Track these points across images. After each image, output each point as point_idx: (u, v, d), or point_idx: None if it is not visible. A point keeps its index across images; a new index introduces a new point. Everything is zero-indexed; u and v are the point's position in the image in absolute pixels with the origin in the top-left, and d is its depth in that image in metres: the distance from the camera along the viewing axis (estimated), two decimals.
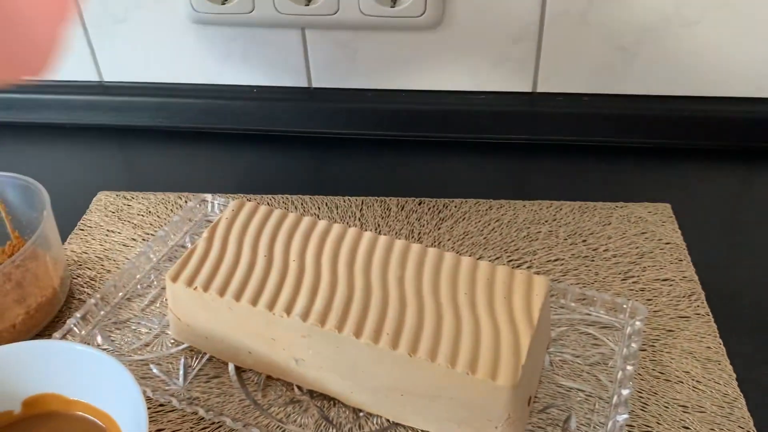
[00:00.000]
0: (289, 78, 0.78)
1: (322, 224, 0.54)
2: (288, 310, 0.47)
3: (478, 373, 0.43)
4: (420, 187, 0.71)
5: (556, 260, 0.60)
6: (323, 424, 0.48)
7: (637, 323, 0.52)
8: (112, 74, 0.80)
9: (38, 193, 0.57)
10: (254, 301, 0.48)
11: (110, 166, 0.77)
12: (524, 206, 0.67)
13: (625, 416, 0.46)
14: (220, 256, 0.52)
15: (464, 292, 0.48)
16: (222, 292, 0.49)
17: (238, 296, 0.49)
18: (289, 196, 0.69)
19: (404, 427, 0.48)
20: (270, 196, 0.70)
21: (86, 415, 0.47)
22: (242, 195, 0.70)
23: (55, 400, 0.47)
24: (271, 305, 0.48)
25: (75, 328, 0.54)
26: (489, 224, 0.65)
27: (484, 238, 0.63)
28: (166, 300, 0.58)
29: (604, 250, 0.61)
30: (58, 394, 0.47)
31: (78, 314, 0.54)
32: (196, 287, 0.49)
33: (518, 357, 0.44)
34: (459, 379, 0.44)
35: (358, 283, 0.49)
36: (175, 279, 0.50)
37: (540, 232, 0.64)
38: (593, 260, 0.60)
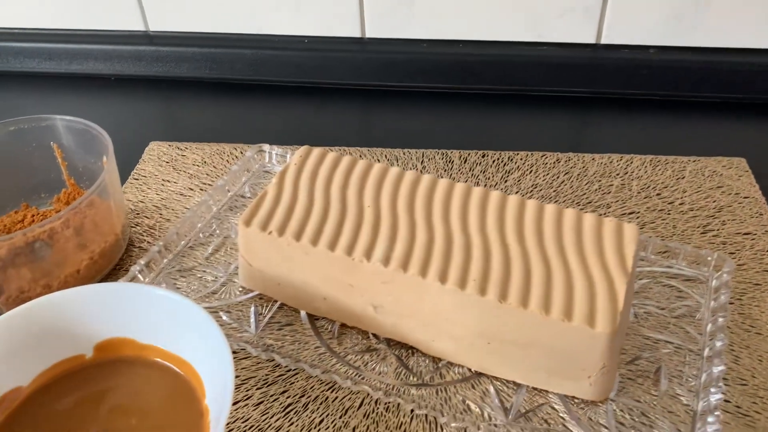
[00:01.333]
0: (342, 28, 0.75)
1: (394, 171, 0.52)
2: (368, 255, 0.46)
3: (574, 320, 0.41)
4: (480, 141, 0.68)
5: (631, 213, 0.58)
6: (403, 372, 0.47)
7: (725, 275, 0.50)
8: (158, 24, 0.78)
9: (99, 137, 0.56)
10: (332, 246, 0.46)
11: (158, 118, 0.75)
12: (593, 159, 0.64)
13: (722, 368, 0.44)
14: (292, 201, 0.50)
15: (551, 240, 0.46)
16: (298, 236, 0.47)
17: (314, 241, 0.47)
18: (345, 148, 0.67)
19: (487, 377, 0.46)
20: (325, 148, 0.67)
21: (160, 360, 0.46)
22: (297, 146, 0.68)
23: (127, 344, 0.46)
24: (349, 250, 0.46)
25: (139, 276, 0.52)
26: (558, 177, 0.62)
27: (554, 191, 0.61)
28: (230, 249, 0.56)
29: (679, 204, 0.59)
30: (131, 338, 0.46)
31: (142, 261, 0.52)
32: (270, 232, 0.48)
33: (615, 303, 0.42)
34: (553, 327, 0.42)
35: (438, 229, 0.47)
36: (248, 223, 0.48)
37: (612, 185, 0.61)
38: (669, 213, 0.58)
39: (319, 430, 0.44)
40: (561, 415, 0.44)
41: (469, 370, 0.47)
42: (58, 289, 0.47)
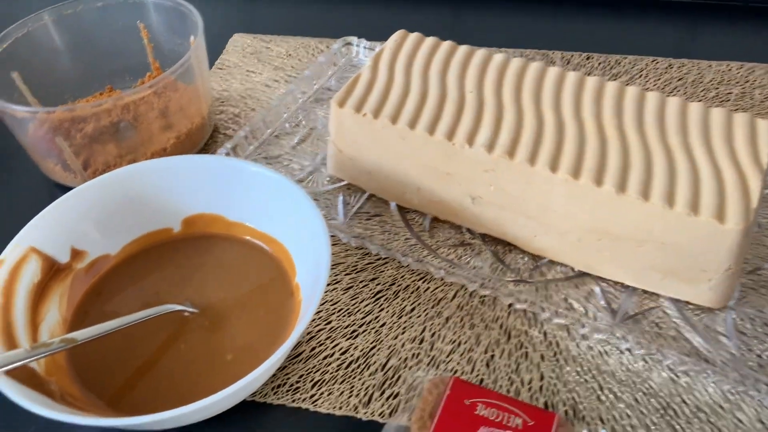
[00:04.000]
0: None
1: (499, 57, 0.48)
2: (470, 140, 0.42)
3: (701, 214, 0.37)
4: (583, 43, 0.63)
5: None
6: (499, 267, 0.44)
7: None
8: None
9: (188, 16, 0.53)
10: (431, 130, 0.43)
11: (242, 10, 0.72)
12: (710, 66, 0.59)
13: None
14: (388, 84, 0.47)
15: (675, 132, 0.42)
16: (394, 119, 0.44)
17: (412, 124, 0.44)
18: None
19: (592, 277, 0.43)
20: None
21: (250, 238, 0.44)
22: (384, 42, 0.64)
23: (216, 221, 0.45)
24: (450, 135, 0.43)
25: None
26: (670, 83, 0.57)
27: (668, 96, 0.56)
28: (317, 140, 0.54)
29: None
30: (220, 215, 0.44)
31: (228, 144, 0.51)
32: (365, 113, 0.45)
33: (748, 199, 0.38)
34: (676, 222, 0.38)
35: (548, 117, 0.44)
36: (342, 104, 0.46)
37: (731, 93, 0.56)
38: None
39: (410, 317, 0.42)
40: (674, 320, 0.40)
41: (572, 269, 0.44)
42: None
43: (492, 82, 0.46)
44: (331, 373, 0.39)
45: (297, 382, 0.39)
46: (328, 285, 0.44)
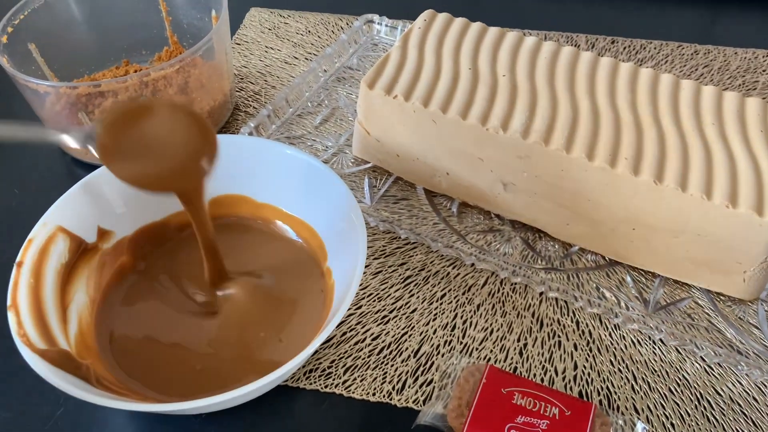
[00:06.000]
0: None
1: (530, 41, 0.47)
2: (504, 126, 0.42)
3: (740, 206, 0.37)
4: (606, 27, 0.62)
5: None
6: (530, 255, 0.44)
7: None
8: None
9: None
10: (464, 114, 0.43)
11: None
12: (735, 53, 0.58)
13: None
14: (418, 66, 0.46)
15: (711, 122, 0.42)
16: (426, 102, 0.43)
17: (444, 107, 0.43)
18: None
19: (623, 266, 0.43)
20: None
21: (278, 220, 0.43)
22: (406, 20, 0.63)
23: (244, 202, 0.44)
24: (483, 119, 0.42)
25: None
26: (696, 69, 0.57)
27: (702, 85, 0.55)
28: (339, 120, 0.53)
29: None
30: (248, 196, 0.44)
31: (252, 123, 0.50)
32: (395, 95, 0.44)
33: None
34: (713, 213, 0.38)
35: (583, 103, 0.43)
36: (371, 86, 0.45)
37: (757, 81, 0.55)
38: None
39: (441, 303, 0.41)
40: (706, 311, 0.40)
41: (603, 258, 0.43)
42: None
43: (525, 66, 0.46)
44: (363, 358, 0.39)
45: (329, 367, 0.38)
46: None
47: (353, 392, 0.37)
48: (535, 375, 0.38)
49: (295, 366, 0.32)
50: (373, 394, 0.37)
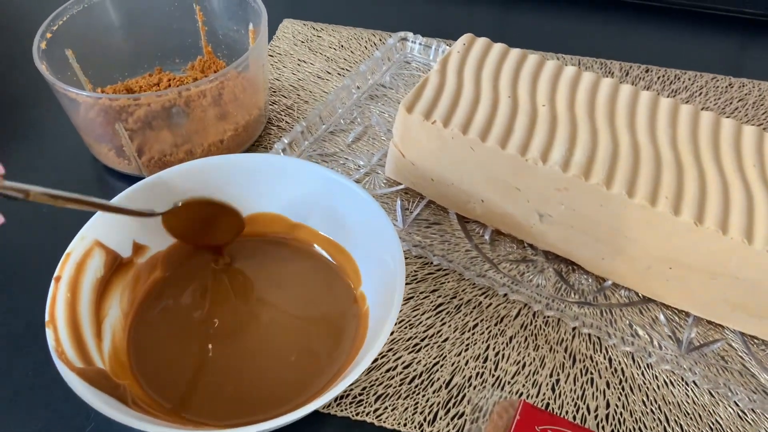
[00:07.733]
0: None
1: (570, 70, 0.47)
2: (544, 157, 0.42)
3: None
4: (638, 53, 0.62)
5: None
6: (563, 287, 0.44)
7: None
8: None
9: (250, 3, 0.52)
10: (503, 143, 0.42)
11: None
12: None
13: None
14: (458, 91, 0.46)
15: (753, 164, 0.41)
16: (465, 129, 0.43)
17: (483, 135, 0.43)
18: None
19: (657, 303, 0.43)
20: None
21: (312, 241, 0.43)
22: (440, 39, 0.63)
23: (277, 221, 0.44)
24: (523, 150, 0.42)
25: (283, 155, 0.49)
26: (731, 103, 0.56)
27: (727, 118, 0.55)
28: (371, 139, 0.53)
29: None
30: (282, 215, 0.44)
31: (285, 140, 0.50)
32: (434, 121, 0.44)
33: None
34: (754, 257, 0.38)
35: (623, 137, 0.43)
36: (410, 109, 0.45)
37: None
38: None
39: (473, 333, 0.41)
40: (740, 354, 0.40)
41: (637, 294, 0.43)
42: (201, 157, 0.44)
43: (564, 96, 0.45)
44: (395, 387, 0.39)
45: (360, 394, 0.38)
46: None
47: (384, 422, 0.37)
48: (567, 412, 0.38)
49: (332, 397, 0.32)
50: (405, 425, 0.37)
